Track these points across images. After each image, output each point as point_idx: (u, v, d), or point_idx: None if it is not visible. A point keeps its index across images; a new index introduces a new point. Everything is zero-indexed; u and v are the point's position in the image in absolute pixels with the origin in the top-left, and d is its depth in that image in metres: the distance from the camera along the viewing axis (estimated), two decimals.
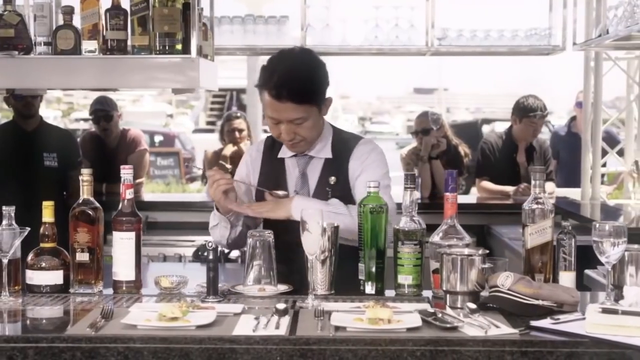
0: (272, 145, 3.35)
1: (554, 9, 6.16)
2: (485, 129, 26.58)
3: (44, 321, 2.61)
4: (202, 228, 3.66)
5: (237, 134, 6.33)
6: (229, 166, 6.03)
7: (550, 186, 6.25)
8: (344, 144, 3.28)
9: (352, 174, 3.23)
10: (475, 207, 6.32)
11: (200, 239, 5.19)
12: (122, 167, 2.93)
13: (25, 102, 5.40)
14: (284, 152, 3.30)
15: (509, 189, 6.48)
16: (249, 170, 3.37)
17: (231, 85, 23.01)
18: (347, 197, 3.18)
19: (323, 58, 3.28)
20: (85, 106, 36.54)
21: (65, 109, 34.50)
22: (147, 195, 7.34)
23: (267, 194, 3.18)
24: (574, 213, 5.52)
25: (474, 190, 7.54)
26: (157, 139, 19.49)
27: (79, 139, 6.64)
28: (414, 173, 2.99)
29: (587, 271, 3.80)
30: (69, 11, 3.52)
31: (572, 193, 6.59)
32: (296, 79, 3.11)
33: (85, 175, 2.89)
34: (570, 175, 6.97)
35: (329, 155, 3.26)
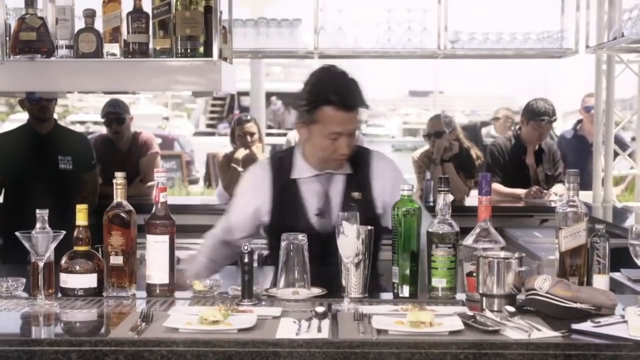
0: (280, 165, 3.27)
1: (566, 12, 6.17)
2: (483, 131, 26.54)
3: (82, 324, 2.61)
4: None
5: (248, 137, 6.31)
6: (240, 169, 6.02)
7: (560, 188, 6.25)
8: (359, 157, 3.26)
9: (380, 195, 3.21)
10: None
11: None
12: (155, 170, 2.94)
13: (40, 106, 5.37)
14: (300, 172, 3.24)
15: (520, 191, 6.46)
16: (255, 193, 3.25)
17: None
18: (369, 215, 3.08)
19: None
20: (81, 109, 36.47)
21: (60, 112, 34.35)
22: None
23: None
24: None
25: None
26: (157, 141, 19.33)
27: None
28: (447, 176, 2.99)
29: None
30: (90, 14, 3.51)
31: (581, 196, 6.54)
32: (353, 86, 3.19)
33: (119, 178, 2.89)
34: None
35: (349, 170, 3.23)
